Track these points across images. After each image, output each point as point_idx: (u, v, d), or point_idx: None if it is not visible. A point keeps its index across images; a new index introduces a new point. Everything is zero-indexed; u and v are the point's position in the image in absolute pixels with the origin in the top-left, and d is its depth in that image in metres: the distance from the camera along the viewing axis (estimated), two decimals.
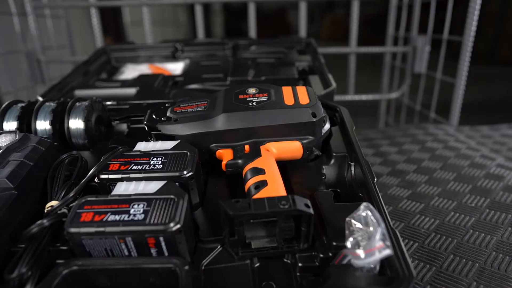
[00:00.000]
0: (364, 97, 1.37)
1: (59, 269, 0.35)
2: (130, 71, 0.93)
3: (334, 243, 0.38)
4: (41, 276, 0.36)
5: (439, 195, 0.62)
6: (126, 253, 0.37)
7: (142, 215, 0.36)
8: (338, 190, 0.51)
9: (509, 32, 3.55)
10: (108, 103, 0.66)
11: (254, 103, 0.50)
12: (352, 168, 0.50)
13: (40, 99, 0.67)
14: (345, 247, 0.38)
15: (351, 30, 1.30)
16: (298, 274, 0.40)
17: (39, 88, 1.28)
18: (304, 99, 0.51)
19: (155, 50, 1.01)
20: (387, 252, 0.32)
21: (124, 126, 0.62)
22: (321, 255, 0.39)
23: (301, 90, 0.53)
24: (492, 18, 3.54)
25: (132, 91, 0.75)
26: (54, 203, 0.42)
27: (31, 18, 1.19)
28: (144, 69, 0.94)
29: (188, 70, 0.90)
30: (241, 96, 0.52)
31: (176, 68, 0.94)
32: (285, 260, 0.42)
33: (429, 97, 1.30)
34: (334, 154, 0.52)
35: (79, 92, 0.76)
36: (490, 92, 2.79)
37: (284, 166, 0.51)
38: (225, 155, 0.49)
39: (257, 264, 0.41)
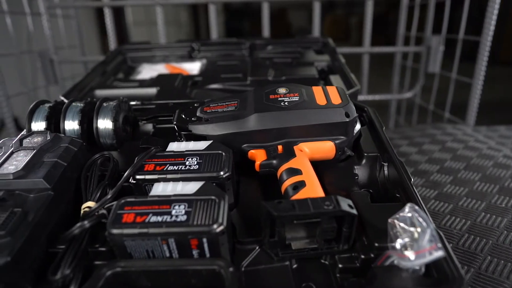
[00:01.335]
0: (377, 97, 1.37)
1: (102, 270, 0.35)
2: (147, 71, 0.93)
3: (376, 244, 0.38)
4: (83, 277, 0.36)
5: (466, 195, 0.61)
6: (168, 255, 0.37)
7: (185, 216, 0.36)
8: (371, 190, 0.50)
9: (510, 32, 3.53)
10: (132, 103, 0.65)
11: (286, 103, 0.50)
12: (385, 169, 0.50)
13: (63, 99, 0.67)
14: (387, 248, 0.37)
15: (364, 30, 1.30)
16: (338, 275, 0.39)
17: (51, 88, 1.28)
18: (336, 99, 0.50)
19: (171, 50, 1.00)
20: (439, 253, 0.32)
21: (149, 126, 0.62)
22: (362, 256, 0.38)
23: (332, 90, 0.52)
24: None
25: (152, 91, 0.75)
26: (91, 204, 0.42)
27: (45, 18, 1.19)
28: (160, 69, 0.94)
29: (205, 70, 0.90)
30: (272, 96, 0.51)
31: (193, 68, 0.93)
32: (323, 261, 0.41)
33: (438, 97, 1.30)
34: (365, 154, 0.52)
35: (99, 92, 0.75)
36: (492, 92, 2.78)
37: (315, 166, 0.51)
38: (258, 155, 0.48)
39: (295, 266, 0.40)
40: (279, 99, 0.51)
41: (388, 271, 0.35)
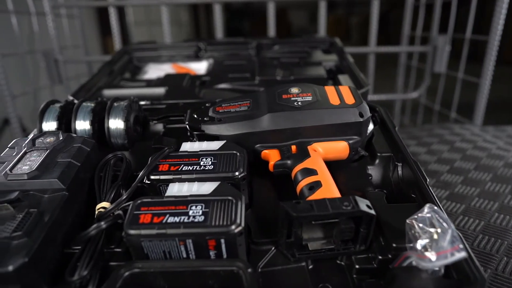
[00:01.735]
0: (384, 96, 1.36)
1: (120, 271, 0.34)
2: (154, 71, 0.93)
3: (394, 245, 0.38)
4: (100, 279, 0.36)
5: (478, 195, 0.61)
6: (184, 255, 0.37)
7: (202, 217, 0.36)
8: (384, 191, 0.50)
9: None
10: (142, 102, 0.65)
11: (299, 103, 0.49)
12: (399, 169, 0.50)
13: (72, 98, 0.66)
14: (405, 248, 0.37)
15: (370, 29, 1.29)
16: (354, 276, 0.39)
17: (52, 88, 1.27)
18: (349, 98, 0.50)
19: (177, 49, 1.00)
20: (462, 254, 0.32)
21: (159, 126, 0.61)
22: (380, 257, 0.38)
23: (345, 90, 0.52)
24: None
25: (160, 90, 0.75)
26: (105, 204, 0.41)
27: (49, 17, 1.19)
28: (167, 68, 0.94)
29: (213, 69, 0.89)
30: (284, 96, 0.51)
31: (199, 67, 0.93)
32: (338, 261, 0.41)
33: (441, 97, 1.30)
34: (379, 154, 0.52)
35: (107, 92, 0.75)
36: (496, 92, 2.77)
37: (328, 166, 0.51)
38: (272, 155, 0.48)
39: (310, 266, 0.40)
40: (292, 99, 0.50)
41: (407, 272, 0.35)
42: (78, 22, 1.45)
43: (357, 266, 0.39)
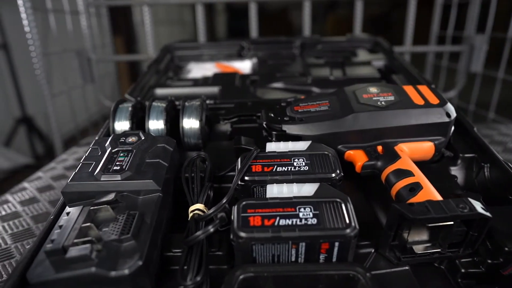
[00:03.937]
0: None
1: (235, 274, 0.33)
2: (197, 70, 0.92)
3: (506, 249, 0.37)
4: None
5: None
6: (293, 259, 0.36)
7: (315, 220, 0.35)
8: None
9: None
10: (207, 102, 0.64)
11: (383, 103, 0.48)
12: (486, 170, 0.48)
13: (129, 97, 0.65)
14: None
15: (406, 29, 1.28)
16: (459, 280, 0.38)
17: (88, 87, 1.27)
18: (432, 98, 0.49)
19: (218, 48, 0.99)
20: None
21: (225, 126, 0.60)
22: (489, 261, 0.37)
23: (425, 90, 0.51)
24: None
25: (213, 89, 0.74)
26: (200, 206, 0.40)
27: (83, 16, 1.18)
28: (211, 67, 0.92)
29: (259, 69, 0.88)
30: (365, 96, 0.50)
31: (243, 67, 0.92)
32: (436, 265, 0.40)
33: (468, 97, 1.29)
34: (461, 155, 0.50)
35: (159, 91, 0.74)
36: None
37: None
38: (358, 156, 0.47)
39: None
40: (373, 98, 0.49)
41: None
42: (105, 20, 1.45)
43: (462, 270, 0.38)
